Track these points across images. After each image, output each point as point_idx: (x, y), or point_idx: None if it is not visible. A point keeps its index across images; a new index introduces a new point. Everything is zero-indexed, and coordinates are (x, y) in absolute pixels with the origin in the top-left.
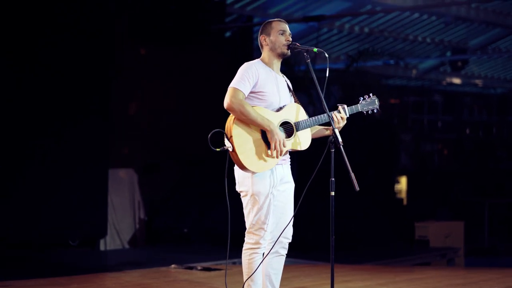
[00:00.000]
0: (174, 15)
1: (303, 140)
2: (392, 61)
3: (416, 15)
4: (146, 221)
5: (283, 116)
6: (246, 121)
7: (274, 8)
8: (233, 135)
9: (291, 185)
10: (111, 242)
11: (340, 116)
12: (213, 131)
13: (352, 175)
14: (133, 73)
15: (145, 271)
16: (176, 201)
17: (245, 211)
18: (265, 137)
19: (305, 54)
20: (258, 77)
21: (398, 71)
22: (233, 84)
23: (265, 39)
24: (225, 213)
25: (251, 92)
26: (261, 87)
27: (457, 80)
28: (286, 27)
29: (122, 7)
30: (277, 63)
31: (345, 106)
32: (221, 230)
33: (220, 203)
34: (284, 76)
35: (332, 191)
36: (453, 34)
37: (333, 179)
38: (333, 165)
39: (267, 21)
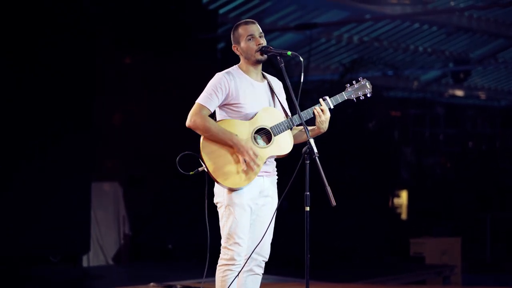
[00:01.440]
0: (162, 24)
1: (283, 144)
2: (390, 72)
3: (416, 25)
4: (131, 236)
5: (258, 122)
6: (209, 138)
7: (270, 17)
8: (203, 154)
9: (272, 199)
10: (94, 258)
11: (321, 108)
12: (181, 154)
13: (328, 188)
14: (117, 83)
15: None
16: (161, 215)
17: (221, 224)
18: None
19: (278, 58)
20: (229, 88)
21: (399, 82)
22: (198, 99)
23: (236, 48)
24: (210, 229)
25: (226, 104)
26: (235, 98)
27: (459, 92)
28: (254, 29)
29: (105, 14)
30: (255, 69)
31: (327, 97)
32: (207, 246)
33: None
34: (270, 79)
35: (307, 205)
36: (455, 45)
37: (307, 193)
38: (307, 178)
39: (235, 25)
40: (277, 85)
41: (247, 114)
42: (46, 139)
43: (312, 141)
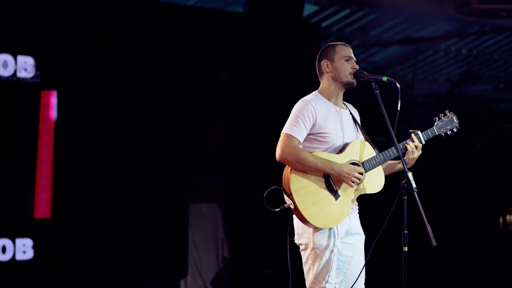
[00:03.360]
0: (261, 38)
1: (375, 181)
2: (502, 85)
3: None
4: (229, 260)
5: (348, 156)
6: (304, 169)
7: (375, 30)
8: (292, 190)
9: (361, 237)
10: (192, 282)
11: (414, 145)
12: (268, 189)
13: (428, 227)
14: (214, 100)
15: None
16: (260, 238)
17: (305, 268)
18: (329, 186)
19: (373, 84)
20: (316, 117)
21: (511, 95)
22: (285, 129)
23: (327, 65)
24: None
25: (310, 134)
26: (321, 127)
27: None
28: (351, 52)
29: (201, 31)
30: (340, 95)
31: (419, 132)
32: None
33: None
34: (349, 107)
35: (405, 245)
36: None
37: (406, 231)
38: (405, 215)
39: (328, 44)
40: (356, 112)
41: (334, 144)
42: (143, 161)
43: (410, 175)
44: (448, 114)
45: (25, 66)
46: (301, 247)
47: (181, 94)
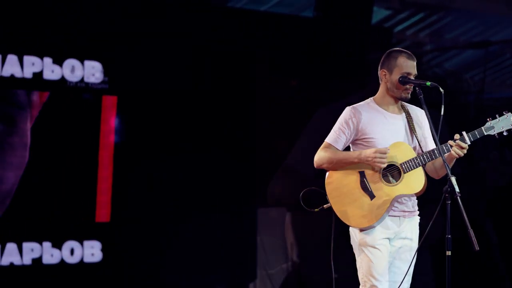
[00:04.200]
0: (330, 44)
1: (414, 182)
2: None
3: None
4: (299, 264)
5: (389, 158)
6: (336, 168)
7: (452, 33)
8: (328, 191)
9: (411, 242)
10: (261, 286)
11: (460, 145)
12: (304, 190)
13: (471, 231)
14: (281, 106)
15: None
16: (328, 243)
17: (357, 266)
18: (364, 186)
19: (417, 89)
20: (358, 124)
21: None
22: (327, 138)
23: (385, 74)
24: None
25: (357, 139)
26: (365, 132)
27: None
28: (414, 66)
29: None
30: (393, 102)
31: (464, 132)
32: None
33: None
34: (410, 110)
35: (448, 250)
36: None
37: (449, 236)
38: (449, 220)
39: (392, 51)
40: (420, 116)
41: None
42: (210, 163)
43: (453, 179)
44: (505, 114)
45: (92, 72)
46: (353, 247)
47: (246, 99)
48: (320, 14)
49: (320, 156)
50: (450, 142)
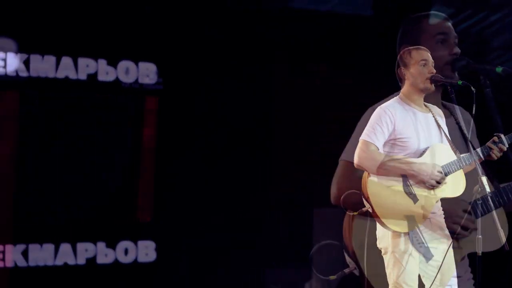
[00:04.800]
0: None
1: (455, 185)
2: None
3: None
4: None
5: (427, 161)
6: (382, 173)
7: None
8: (369, 194)
9: (446, 240)
10: (317, 286)
11: (499, 146)
12: (346, 192)
13: (501, 232)
14: (299, 104)
15: None
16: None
17: (387, 272)
18: (407, 189)
19: (449, 88)
20: (394, 122)
21: None
22: (362, 136)
23: (403, 72)
24: None
25: (391, 140)
26: (400, 132)
27: None
28: (428, 55)
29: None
30: (420, 99)
31: (501, 135)
32: None
33: None
34: (432, 109)
35: (479, 250)
36: None
37: (480, 236)
38: (479, 220)
39: (404, 49)
40: (440, 114)
41: (414, 149)
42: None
43: (484, 179)
44: None
45: (147, 73)
46: (382, 251)
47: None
48: (377, 12)
49: (367, 159)
50: (490, 144)
